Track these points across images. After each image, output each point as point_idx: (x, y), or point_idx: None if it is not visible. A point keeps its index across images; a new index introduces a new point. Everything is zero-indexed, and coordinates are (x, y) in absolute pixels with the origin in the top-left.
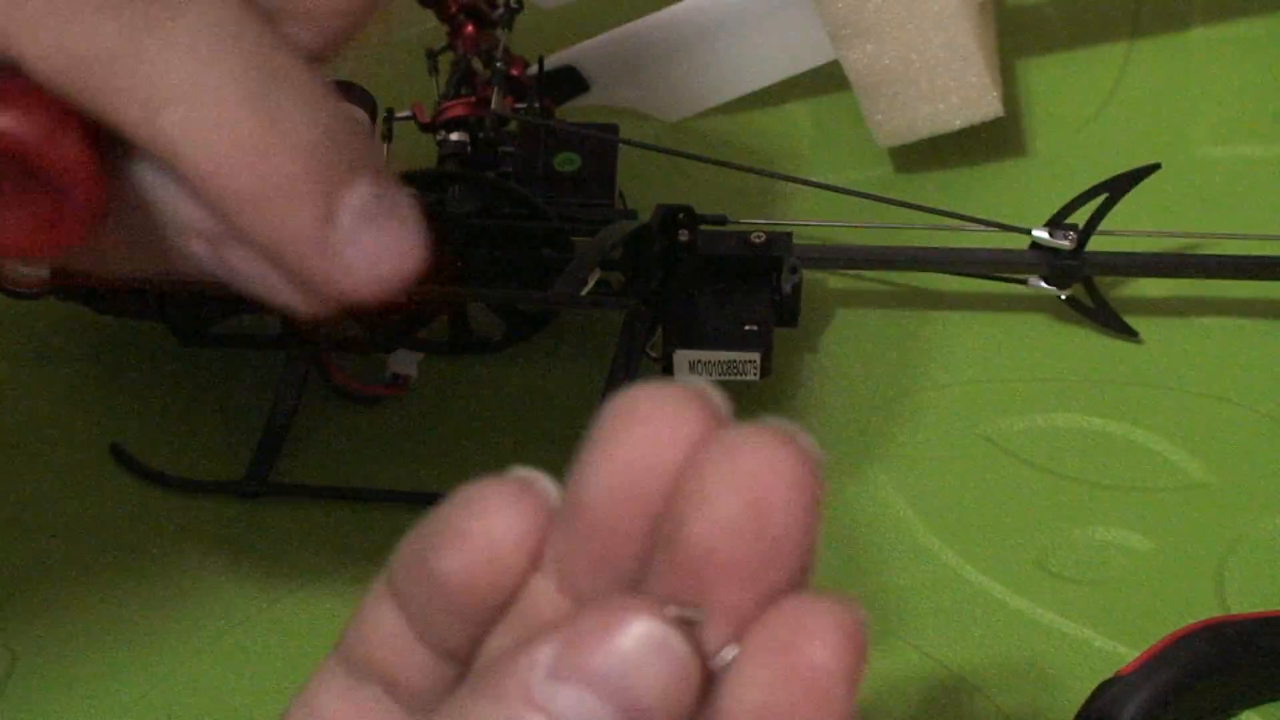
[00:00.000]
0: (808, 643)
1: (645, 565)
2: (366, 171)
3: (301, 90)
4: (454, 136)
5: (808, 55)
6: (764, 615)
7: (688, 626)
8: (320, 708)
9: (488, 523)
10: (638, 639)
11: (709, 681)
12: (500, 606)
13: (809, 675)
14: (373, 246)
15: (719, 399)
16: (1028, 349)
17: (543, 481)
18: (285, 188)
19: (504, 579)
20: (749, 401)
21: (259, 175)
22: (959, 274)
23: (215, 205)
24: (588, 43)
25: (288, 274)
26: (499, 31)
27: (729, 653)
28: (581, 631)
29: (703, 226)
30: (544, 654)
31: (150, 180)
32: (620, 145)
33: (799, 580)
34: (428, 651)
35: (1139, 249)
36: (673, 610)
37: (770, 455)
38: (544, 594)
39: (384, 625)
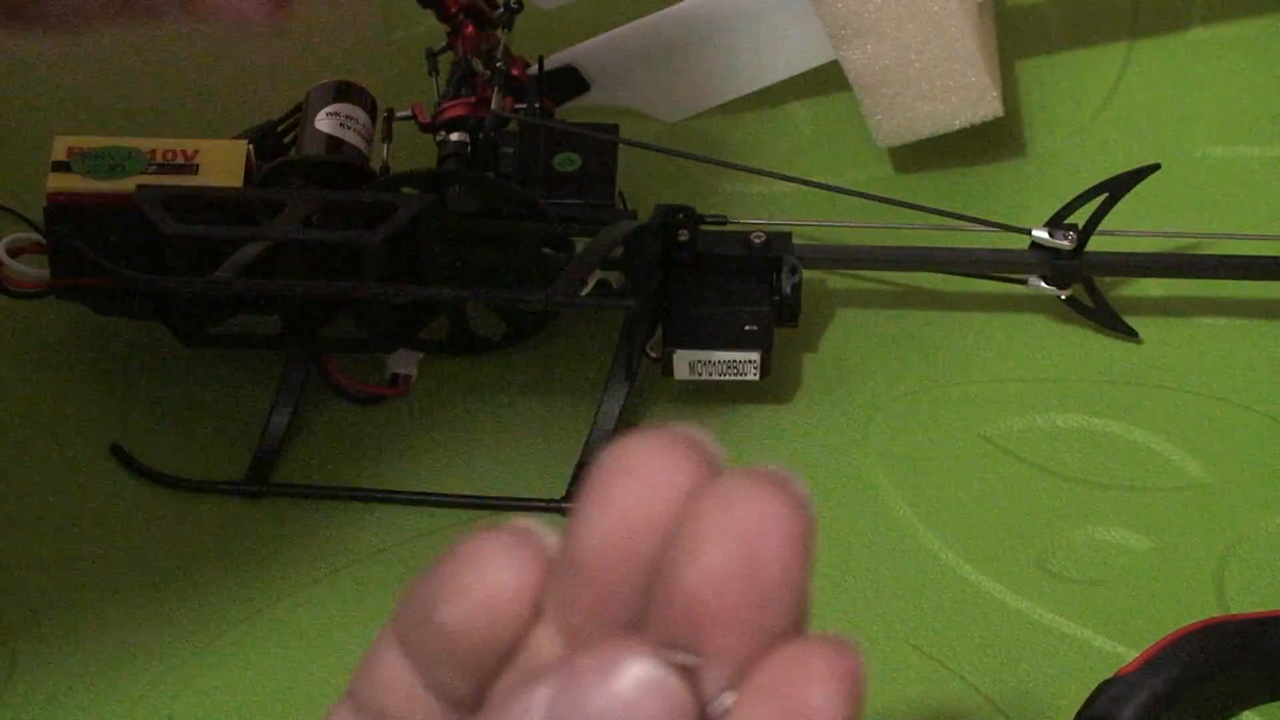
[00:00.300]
0: (804, 688)
1: (643, 613)
2: None
3: None
4: (454, 136)
5: (808, 55)
6: (761, 661)
7: (685, 670)
8: None
9: (486, 574)
10: (635, 680)
11: None
12: (503, 655)
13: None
14: None
15: (711, 445)
16: (1028, 349)
17: (541, 531)
18: None
19: (504, 629)
20: (749, 401)
21: None
22: (959, 274)
23: None
24: (588, 43)
25: None
26: (499, 31)
27: (727, 698)
28: (579, 672)
29: (703, 226)
30: (541, 695)
31: None
32: (620, 145)
33: (795, 625)
34: (435, 700)
35: (1139, 249)
36: (671, 654)
37: (761, 503)
38: (547, 642)
39: (392, 673)
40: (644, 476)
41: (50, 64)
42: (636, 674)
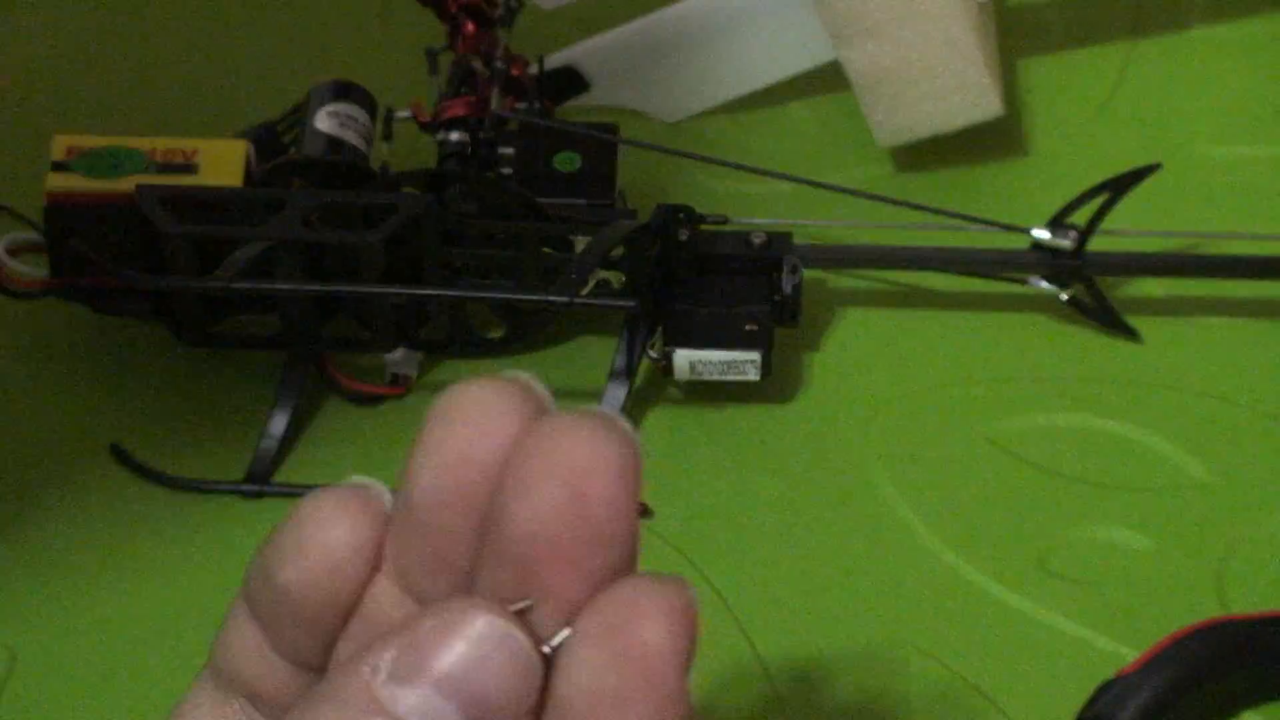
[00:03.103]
0: (637, 624)
1: (478, 558)
2: None
3: None
4: (454, 136)
5: (808, 55)
6: (593, 599)
7: (523, 617)
8: None
9: (323, 532)
10: (479, 637)
11: (547, 670)
12: (344, 613)
13: (639, 655)
14: None
15: (541, 390)
16: (1028, 349)
17: (377, 487)
18: None
19: (343, 586)
20: (749, 401)
21: None
22: (959, 274)
23: None
24: (588, 43)
25: None
26: (499, 31)
27: (561, 637)
28: (422, 633)
29: (703, 226)
30: (385, 658)
31: None
32: (620, 145)
33: (626, 563)
34: (285, 663)
35: (1140, 249)
36: (509, 606)
37: (588, 441)
38: (387, 596)
39: (244, 638)
40: (471, 420)
41: (50, 64)
42: (480, 631)
